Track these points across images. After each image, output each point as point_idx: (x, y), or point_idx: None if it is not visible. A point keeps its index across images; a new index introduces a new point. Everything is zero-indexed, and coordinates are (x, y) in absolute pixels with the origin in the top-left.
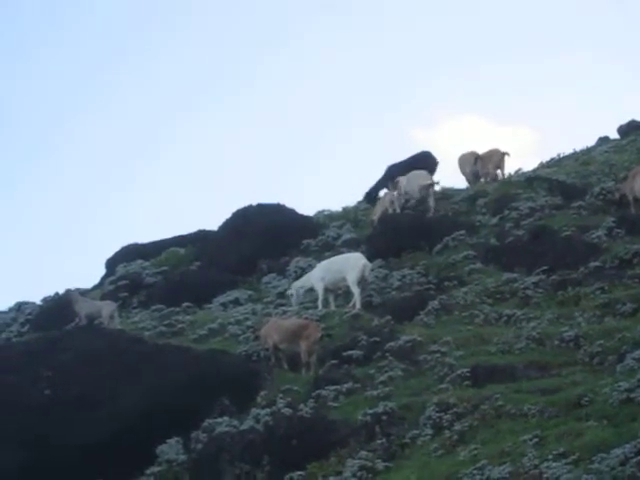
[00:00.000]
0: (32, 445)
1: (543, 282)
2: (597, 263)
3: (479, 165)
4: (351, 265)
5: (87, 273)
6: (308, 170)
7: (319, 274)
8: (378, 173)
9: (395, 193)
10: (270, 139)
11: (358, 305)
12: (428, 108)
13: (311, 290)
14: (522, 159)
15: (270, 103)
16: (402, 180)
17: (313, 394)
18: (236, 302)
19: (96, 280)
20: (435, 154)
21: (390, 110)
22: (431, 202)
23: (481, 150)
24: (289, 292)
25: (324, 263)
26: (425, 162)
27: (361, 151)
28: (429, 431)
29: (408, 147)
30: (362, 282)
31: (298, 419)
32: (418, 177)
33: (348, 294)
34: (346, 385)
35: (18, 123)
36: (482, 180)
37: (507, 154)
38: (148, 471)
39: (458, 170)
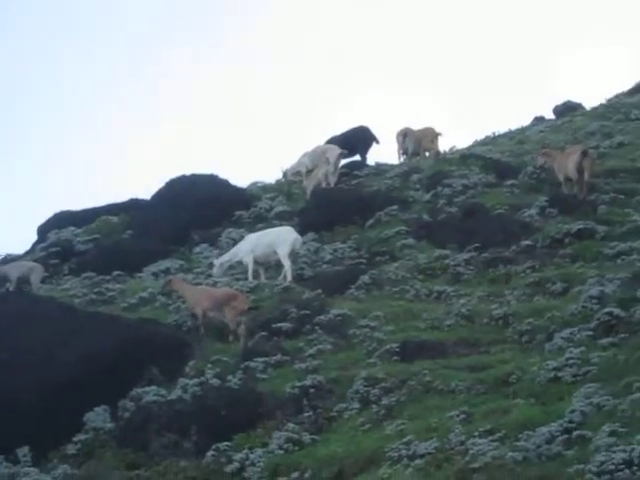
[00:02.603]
0: None
1: (474, 259)
2: (529, 242)
3: (408, 141)
4: (282, 239)
5: (18, 240)
6: (243, 142)
7: (248, 247)
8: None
9: (330, 167)
10: (206, 109)
11: (289, 278)
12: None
13: (239, 263)
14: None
15: (206, 74)
16: (306, 154)
17: (242, 365)
18: (167, 272)
19: (27, 247)
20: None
21: (330, 83)
22: (331, 178)
23: (417, 127)
24: (214, 262)
25: (254, 236)
26: (362, 136)
27: (298, 124)
28: (356, 405)
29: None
30: (293, 255)
31: (226, 390)
32: (326, 150)
33: (279, 266)
34: (275, 357)
35: None
36: (419, 156)
37: (440, 134)
38: (75, 439)
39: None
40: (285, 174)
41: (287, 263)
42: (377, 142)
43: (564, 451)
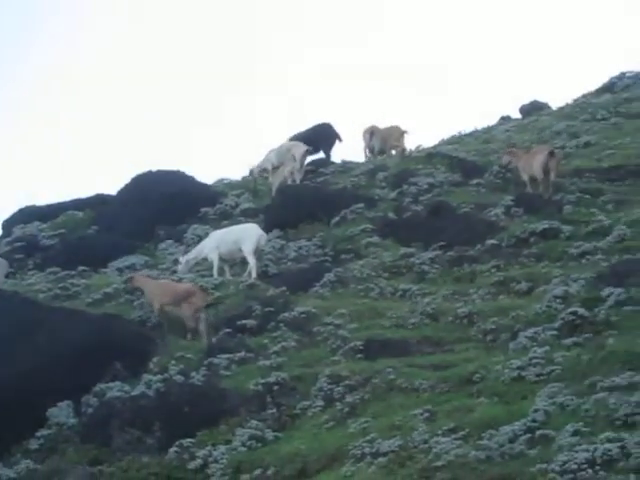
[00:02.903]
0: None
1: (439, 258)
2: (494, 241)
3: (375, 140)
4: (247, 236)
5: None
6: (210, 138)
7: (213, 243)
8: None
9: (295, 164)
10: (173, 106)
11: (254, 275)
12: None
13: (204, 260)
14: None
15: (172, 69)
16: (273, 151)
17: (205, 362)
18: (132, 267)
19: None
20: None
21: (293, 80)
22: (297, 175)
23: (384, 125)
24: (180, 259)
25: (218, 233)
26: (325, 134)
27: (264, 121)
28: (320, 402)
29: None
30: (258, 252)
31: (190, 386)
32: (292, 147)
33: (244, 263)
34: (239, 354)
35: None
36: (385, 155)
37: (406, 132)
38: (38, 434)
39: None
40: (252, 172)
41: (252, 260)
42: (340, 140)
43: (527, 450)
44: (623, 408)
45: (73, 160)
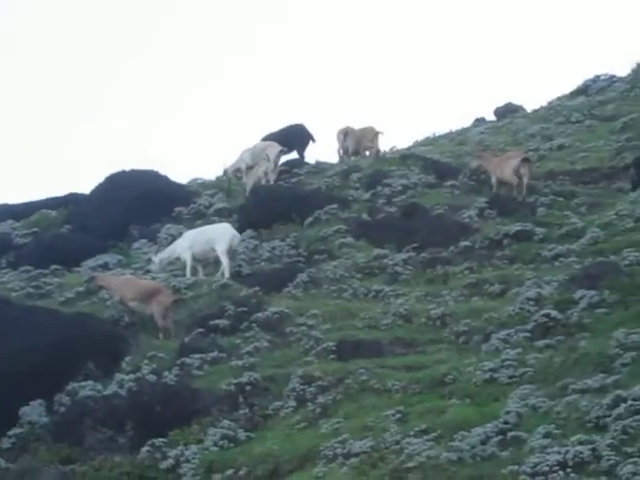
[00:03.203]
0: None
1: (413, 259)
2: (467, 243)
3: (349, 141)
4: (220, 236)
5: None
6: (184, 137)
7: (186, 243)
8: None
9: (270, 164)
10: (147, 105)
11: (227, 274)
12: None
13: (178, 259)
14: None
15: (145, 67)
16: (247, 151)
17: (178, 362)
18: (105, 267)
19: None
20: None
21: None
22: (271, 175)
23: (358, 126)
24: (153, 258)
25: (192, 232)
26: (298, 134)
27: (238, 121)
28: (292, 403)
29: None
30: (231, 252)
31: (162, 386)
32: (266, 148)
33: (217, 263)
34: (211, 354)
35: None
36: (359, 156)
37: (381, 133)
38: (10, 432)
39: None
40: (226, 172)
41: (225, 260)
42: (313, 140)
43: (499, 452)
44: (595, 410)
45: (46, 159)
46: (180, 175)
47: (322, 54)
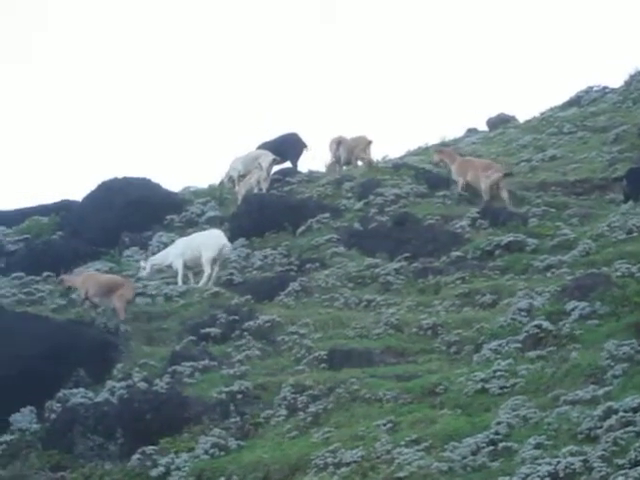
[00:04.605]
0: None
1: (404, 269)
2: (459, 253)
3: (342, 150)
4: (208, 243)
5: None
6: (176, 145)
7: (178, 250)
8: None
9: (262, 173)
10: (140, 112)
11: (206, 283)
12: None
13: (169, 267)
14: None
15: (140, 75)
16: (239, 159)
17: (169, 369)
18: None
19: None
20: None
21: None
22: (263, 184)
23: (350, 135)
24: (142, 265)
25: (184, 240)
26: (292, 144)
27: (232, 129)
28: (283, 412)
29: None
30: (219, 260)
31: (153, 394)
32: (259, 156)
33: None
34: (202, 362)
35: None
36: (351, 165)
37: (372, 142)
38: (1, 439)
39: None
40: (222, 182)
41: (207, 269)
42: (306, 148)
43: (489, 462)
44: (586, 422)
45: (38, 165)
46: (172, 183)
47: (315, 63)
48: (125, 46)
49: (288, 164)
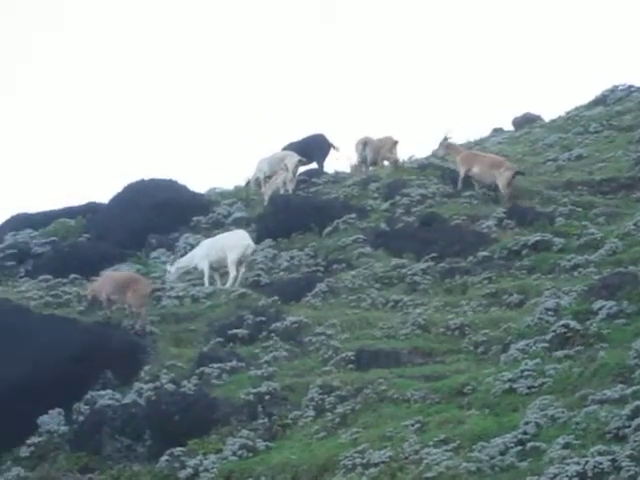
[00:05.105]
0: None
1: (431, 269)
2: (486, 253)
3: (368, 150)
4: (233, 244)
5: None
6: (203, 147)
7: (203, 252)
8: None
9: (288, 174)
10: (166, 113)
11: (232, 284)
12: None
13: (195, 269)
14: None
15: (166, 77)
16: (264, 160)
17: (197, 371)
18: None
19: None
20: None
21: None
22: (289, 185)
23: (376, 136)
24: (168, 268)
25: (208, 241)
26: (319, 144)
27: (258, 130)
28: (311, 412)
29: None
30: (245, 262)
31: (181, 395)
32: (284, 157)
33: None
34: (230, 363)
35: None
36: (377, 165)
37: (398, 142)
38: (29, 441)
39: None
40: (248, 182)
41: (233, 271)
42: (335, 148)
43: (518, 462)
44: (614, 421)
45: (65, 168)
46: (199, 184)
47: (341, 64)
48: (152, 49)
49: (314, 165)
